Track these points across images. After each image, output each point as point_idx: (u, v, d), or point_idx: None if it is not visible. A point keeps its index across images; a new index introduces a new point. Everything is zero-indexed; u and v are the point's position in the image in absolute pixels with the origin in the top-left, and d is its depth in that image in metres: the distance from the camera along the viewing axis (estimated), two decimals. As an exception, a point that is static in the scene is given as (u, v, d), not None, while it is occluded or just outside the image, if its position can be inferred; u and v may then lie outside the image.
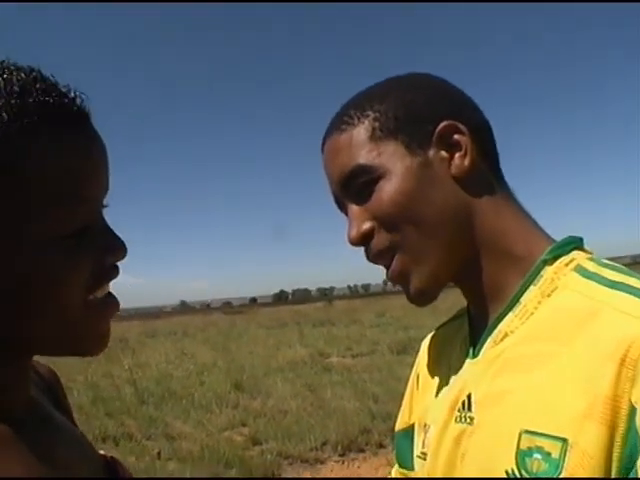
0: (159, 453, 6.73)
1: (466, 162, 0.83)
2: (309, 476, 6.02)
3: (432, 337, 1.07)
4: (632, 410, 0.64)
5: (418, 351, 1.08)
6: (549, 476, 0.67)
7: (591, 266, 0.79)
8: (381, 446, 6.53)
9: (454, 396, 0.85)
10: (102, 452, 0.81)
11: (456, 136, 0.84)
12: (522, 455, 0.70)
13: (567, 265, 0.79)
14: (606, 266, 0.79)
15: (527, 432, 0.70)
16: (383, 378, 10.08)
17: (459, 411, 0.82)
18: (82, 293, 0.63)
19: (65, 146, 0.60)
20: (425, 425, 0.94)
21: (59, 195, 0.59)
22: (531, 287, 0.80)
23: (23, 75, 0.60)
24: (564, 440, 0.67)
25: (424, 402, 0.98)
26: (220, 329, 26.46)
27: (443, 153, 0.84)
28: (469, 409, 0.81)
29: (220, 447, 6.73)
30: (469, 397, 0.81)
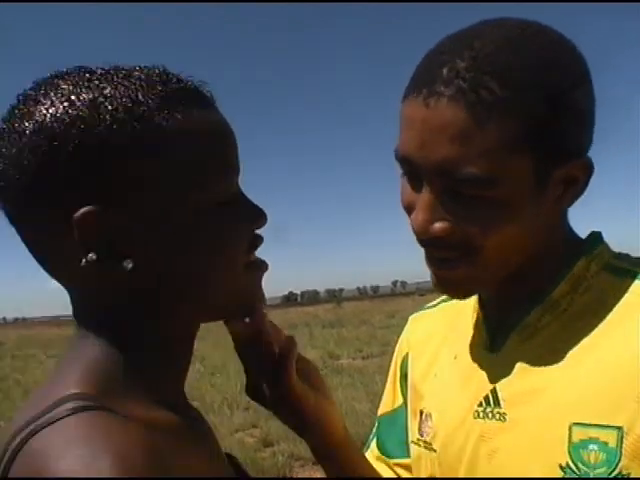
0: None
1: (574, 199, 0.76)
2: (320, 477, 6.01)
3: (423, 318, 1.02)
4: None
5: None
6: (609, 465, 0.67)
7: (619, 263, 0.79)
8: (393, 448, 6.46)
9: (474, 390, 0.81)
10: None
11: (581, 175, 0.74)
12: (576, 448, 0.69)
13: (597, 264, 0.79)
14: (632, 261, 0.80)
15: (578, 424, 0.69)
16: (394, 379, 10.01)
17: (481, 406, 0.79)
18: (243, 257, 0.67)
19: (212, 122, 0.66)
20: (422, 412, 0.91)
21: (219, 165, 0.65)
22: (561, 283, 0.78)
23: (156, 70, 0.64)
24: (619, 428, 0.67)
25: (419, 386, 0.94)
26: (229, 331, 26.41)
27: (560, 186, 0.74)
28: (497, 405, 0.78)
29: (232, 449, 6.70)
30: (494, 393, 0.79)
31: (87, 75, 0.62)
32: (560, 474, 0.70)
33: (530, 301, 0.79)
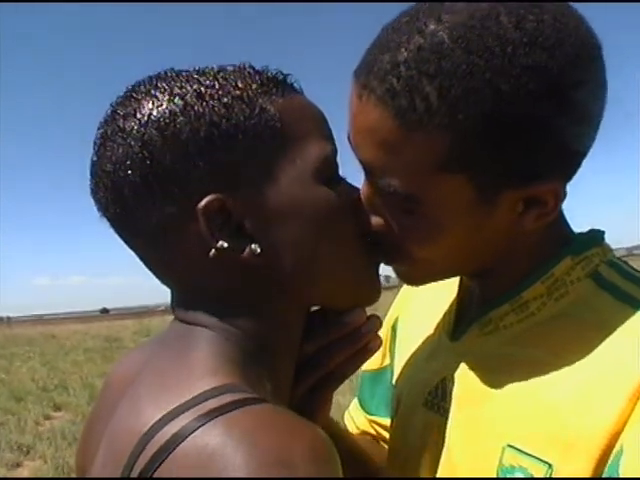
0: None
1: (542, 219, 0.64)
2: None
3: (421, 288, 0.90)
4: (619, 451, 0.56)
5: None
6: None
7: (608, 273, 0.69)
8: (377, 440, 6.47)
9: (427, 376, 0.78)
10: None
11: (549, 199, 0.62)
12: (504, 471, 0.63)
13: (583, 268, 0.68)
14: (625, 274, 0.69)
15: (512, 448, 0.63)
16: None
17: (430, 394, 0.76)
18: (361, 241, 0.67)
19: (313, 106, 0.66)
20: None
21: (336, 151, 0.66)
22: (537, 283, 0.68)
23: (245, 64, 0.64)
24: (549, 465, 0.60)
25: (398, 354, 0.91)
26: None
27: (519, 205, 0.63)
28: (443, 398, 0.74)
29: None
30: (443, 383, 0.74)
31: (183, 73, 0.61)
32: None
33: (501, 296, 0.70)
